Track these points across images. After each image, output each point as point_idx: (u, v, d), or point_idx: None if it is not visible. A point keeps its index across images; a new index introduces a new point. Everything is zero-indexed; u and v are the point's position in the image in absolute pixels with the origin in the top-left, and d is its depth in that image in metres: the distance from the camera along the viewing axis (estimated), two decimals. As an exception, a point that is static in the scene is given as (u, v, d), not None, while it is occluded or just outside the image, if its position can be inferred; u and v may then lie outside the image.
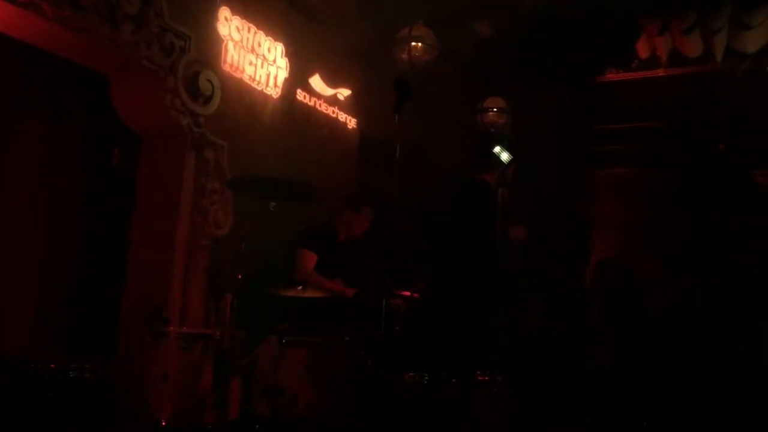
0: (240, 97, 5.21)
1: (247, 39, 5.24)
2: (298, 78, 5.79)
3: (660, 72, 8.38)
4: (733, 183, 7.62)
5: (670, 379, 5.28)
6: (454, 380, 3.17)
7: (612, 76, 8.65)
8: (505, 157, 3.76)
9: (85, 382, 3.30)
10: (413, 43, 6.08)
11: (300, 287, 4.05)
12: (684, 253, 7.16)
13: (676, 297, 5.83)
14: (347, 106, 6.36)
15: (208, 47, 4.92)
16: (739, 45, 7.80)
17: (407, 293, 4.65)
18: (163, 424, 3.63)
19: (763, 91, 7.99)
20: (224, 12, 5.03)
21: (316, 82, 6.02)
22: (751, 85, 7.89)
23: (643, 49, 8.31)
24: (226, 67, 5.06)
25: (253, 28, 5.30)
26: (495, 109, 7.16)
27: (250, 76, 5.27)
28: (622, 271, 5.83)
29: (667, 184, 8.04)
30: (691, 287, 5.84)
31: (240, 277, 3.87)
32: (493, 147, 4.17)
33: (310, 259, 4.68)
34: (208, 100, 4.83)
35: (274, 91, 5.49)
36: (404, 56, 6.09)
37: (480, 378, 3.24)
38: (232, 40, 5.10)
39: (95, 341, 4.56)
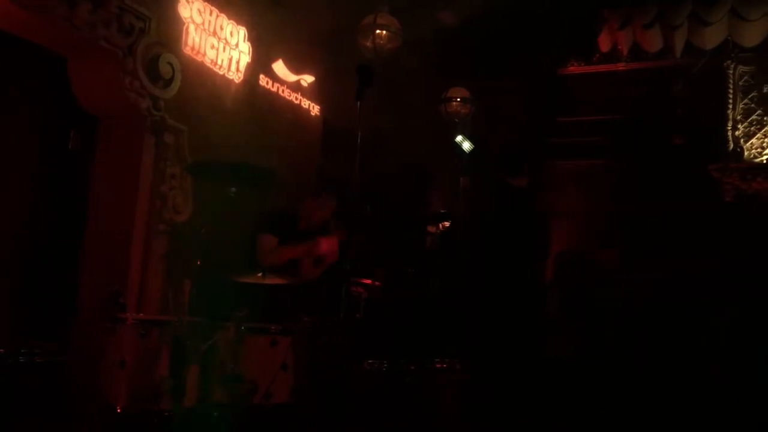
0: (201, 81, 5.14)
1: (209, 22, 5.16)
2: (261, 63, 5.73)
3: (620, 66, 8.52)
4: (688, 176, 7.80)
5: (626, 367, 5.39)
6: (412, 367, 3.19)
7: (573, 68, 8.77)
8: (466, 146, 3.79)
9: (35, 367, 3.24)
10: (378, 31, 6.06)
11: (260, 274, 4.02)
12: (641, 243, 7.31)
13: (633, 286, 5.96)
14: (310, 93, 6.32)
15: (169, 29, 4.84)
16: (698, 41, 7.96)
17: (368, 281, 4.65)
18: (119, 410, 3.59)
19: (719, 87, 8.19)
20: (186, -7, 4.94)
21: (280, 67, 5.96)
22: (707, 81, 8.07)
23: (604, 43, 8.43)
24: (187, 50, 4.98)
25: (215, 11, 5.22)
26: (458, 99, 7.19)
27: (212, 60, 5.20)
28: (581, 262, 5.92)
29: (626, 176, 8.20)
30: (647, 277, 5.97)
31: (199, 263, 3.82)
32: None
33: (271, 242, 4.65)
34: (168, 83, 4.75)
35: (236, 76, 5.43)
36: (368, 44, 6.08)
37: (438, 365, 3.27)
38: (194, 22, 5.02)
39: (50, 327, 4.48)
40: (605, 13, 8.00)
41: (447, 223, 6.64)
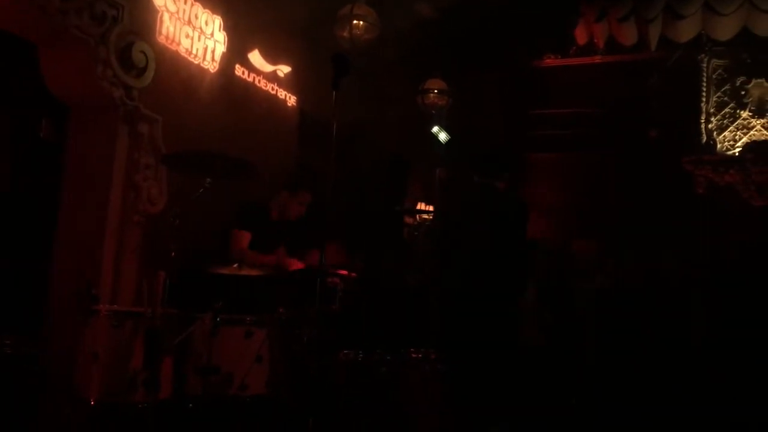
0: (176, 71, 5.08)
1: (184, 11, 5.10)
2: (236, 53, 5.68)
3: (597, 59, 8.59)
4: (662, 168, 7.89)
5: (601, 357, 5.46)
6: (388, 357, 3.20)
7: (550, 61, 8.81)
8: (443, 137, 3.79)
9: (6, 359, 3.19)
10: (355, 22, 6.03)
11: (236, 265, 4.00)
12: (616, 235, 7.38)
13: (609, 277, 6.02)
14: (287, 84, 6.28)
15: (143, 17, 4.77)
16: (672, 35, 8.04)
17: (344, 272, 4.65)
18: (92, 403, 3.56)
19: (693, 81, 8.29)
20: (160, -18, 4.87)
21: (256, 57, 5.91)
22: (681, 75, 8.16)
23: (581, 36, 8.48)
24: (161, 39, 4.92)
25: (191, -1, 5.16)
26: (435, 91, 7.20)
27: (187, 49, 5.14)
28: (557, 253, 5.97)
29: (601, 168, 8.28)
30: (622, 268, 6.04)
31: (173, 254, 3.79)
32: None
33: (244, 237, 4.64)
34: (142, 72, 4.69)
35: (211, 66, 5.37)
36: (345, 34, 6.05)
37: (414, 355, 3.28)
38: (168, 11, 4.95)
39: (22, 319, 4.41)
40: (581, 7, 8.04)
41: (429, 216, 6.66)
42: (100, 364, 3.60)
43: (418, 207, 7.65)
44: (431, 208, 7.20)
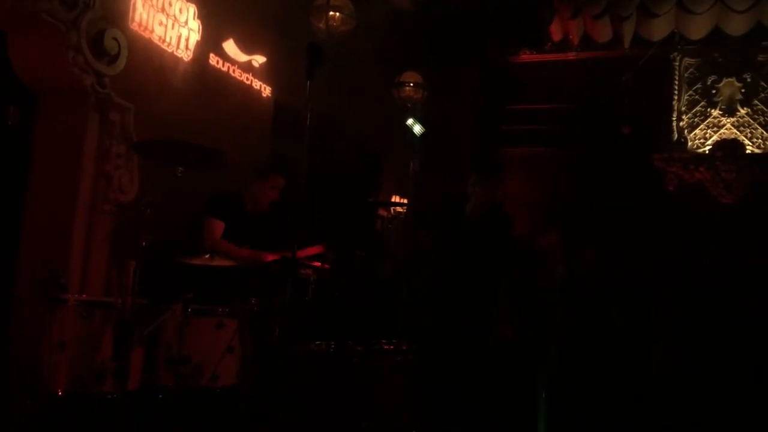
0: (149, 58, 5.02)
1: (158, -2, 5.03)
2: (211, 42, 5.62)
3: (571, 55, 8.65)
4: (634, 164, 7.99)
5: (569, 349, 5.51)
6: (359, 348, 3.20)
7: (526, 57, 8.86)
8: (417, 129, 3.79)
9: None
10: (331, 13, 6.01)
11: (208, 255, 3.97)
12: (586, 229, 7.45)
13: (576, 271, 6.08)
14: (262, 74, 6.23)
15: (115, 4, 4.70)
16: (646, 32, 8.14)
17: (317, 263, 4.64)
18: (60, 393, 3.51)
19: (665, 79, 8.39)
20: (133, -32, 4.80)
21: (230, 47, 5.86)
22: (654, 72, 8.26)
23: (556, 32, 8.54)
24: (134, 26, 4.85)
25: (164, -14, 5.09)
26: (411, 84, 7.20)
27: (160, 37, 5.08)
28: (526, 247, 6.01)
29: (574, 163, 8.35)
30: (590, 262, 6.10)
31: (144, 244, 3.74)
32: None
33: (217, 227, 4.60)
34: (114, 59, 4.62)
35: (185, 54, 5.32)
36: (321, 25, 6.03)
37: (385, 346, 3.29)
38: (141, -2, 4.89)
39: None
40: (556, 3, 8.10)
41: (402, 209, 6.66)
42: (68, 354, 3.55)
43: (392, 199, 7.66)
44: (405, 201, 7.21)
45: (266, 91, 6.29)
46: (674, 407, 5.07)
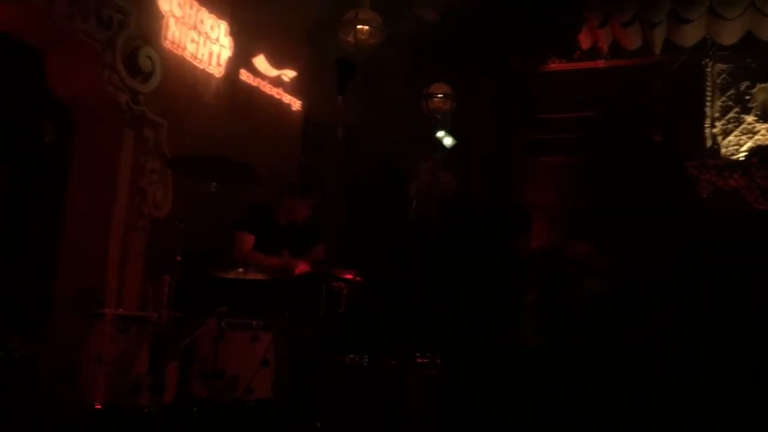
0: (181, 75, 5.10)
1: (190, 15, 5.12)
2: (242, 57, 5.69)
3: (600, 63, 8.58)
4: (666, 172, 7.88)
5: (599, 360, 5.44)
6: (393, 362, 3.20)
7: (554, 65, 8.81)
8: (448, 142, 3.78)
9: (13, 362, 3.21)
10: (359, 26, 6.04)
11: (241, 269, 4.01)
12: (617, 238, 7.36)
13: (607, 280, 6.01)
14: (292, 88, 6.29)
15: (149, 22, 4.79)
16: (677, 38, 8.04)
17: (349, 276, 4.65)
18: (97, 407, 3.57)
19: (698, 85, 8.28)
20: (166, -13, 4.89)
21: (261, 62, 5.93)
22: (686, 79, 8.16)
23: (584, 41, 8.48)
24: (167, 44, 4.94)
25: (196, 4, 5.18)
26: (440, 95, 7.19)
27: (192, 54, 5.16)
28: (558, 256, 5.97)
29: (605, 172, 8.26)
30: (620, 271, 6.02)
31: (179, 258, 3.79)
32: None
33: (246, 239, 4.66)
34: (148, 77, 4.70)
35: (216, 70, 5.39)
36: (350, 39, 6.05)
37: (419, 360, 3.28)
38: (174, 16, 4.97)
39: (27, 322, 4.43)
40: (585, 11, 8.04)
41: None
42: (105, 368, 3.61)
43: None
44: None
45: (296, 104, 6.35)
46: (706, 412, 4.97)
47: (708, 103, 8.26)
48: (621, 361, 5.21)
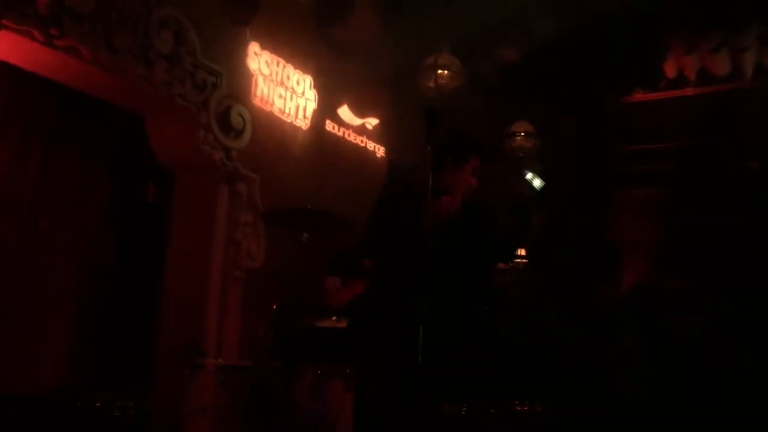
0: (270, 130, 5.30)
1: (276, 72, 5.33)
2: (326, 109, 5.87)
3: (688, 91, 8.33)
4: (764, 201, 7.51)
5: (702, 403, 5.17)
6: (492, 410, 3.15)
7: (639, 96, 8.62)
8: (537, 183, 3.71)
9: (127, 420, 3.35)
10: (439, 71, 6.13)
11: (334, 318, 4.07)
12: (713, 273, 7.05)
13: (707, 319, 5.74)
14: (375, 135, 6.42)
15: (239, 82, 5.02)
16: (768, 62, 7.73)
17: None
18: (202, 457, 3.67)
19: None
20: (254, 47, 5.13)
21: (345, 112, 6.09)
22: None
23: (670, 69, 8.26)
24: (257, 101, 5.15)
25: (282, 61, 5.40)
26: (522, 134, 7.16)
27: (280, 109, 5.36)
28: (660, 293, 5.74)
29: (696, 203, 7.95)
30: (721, 309, 5.73)
31: (275, 308, 3.90)
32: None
33: (333, 282, 4.73)
34: (240, 134, 4.92)
35: (303, 123, 5.57)
36: (431, 84, 6.14)
37: (519, 408, 3.22)
38: (262, 74, 5.20)
39: (129, 374, 4.61)
40: (670, 41, 7.87)
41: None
42: (208, 419, 3.72)
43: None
44: (522, 252, 7.10)
45: (380, 151, 6.46)
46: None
47: (806, 127, 7.87)
48: (728, 407, 4.94)
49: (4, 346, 4.28)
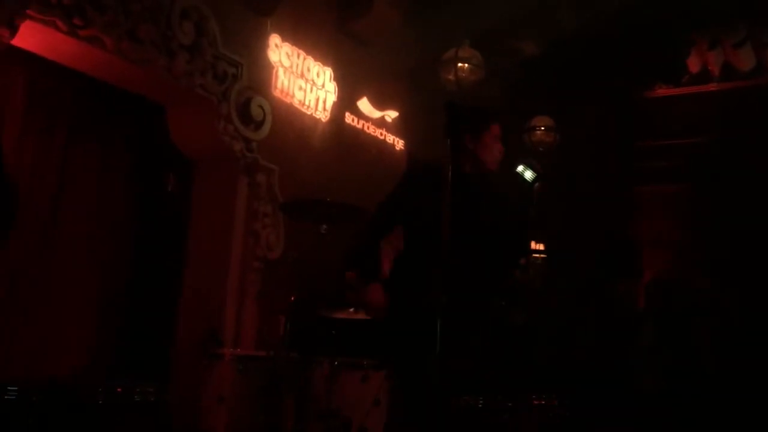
0: (290, 122, 5.31)
1: (297, 65, 5.34)
2: (346, 101, 5.87)
3: (712, 86, 8.22)
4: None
5: (722, 400, 5.12)
6: (509, 404, 3.15)
7: (662, 91, 8.52)
8: (528, 175, 3.61)
9: (148, 406, 3.39)
10: (460, 64, 6.10)
11: (351, 309, 4.08)
12: (734, 270, 6.96)
13: (727, 315, 5.68)
14: (395, 128, 6.41)
15: (259, 74, 5.03)
16: (794, 57, 7.62)
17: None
18: (219, 445, 3.70)
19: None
20: (274, 39, 5.14)
21: (364, 104, 6.09)
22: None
23: (693, 64, 8.17)
24: (277, 93, 5.16)
25: (303, 53, 5.40)
26: (542, 128, 7.12)
27: (300, 101, 5.37)
28: (679, 290, 5.69)
29: (720, 199, 7.86)
30: (740, 305, 5.67)
31: (293, 299, 3.91)
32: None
33: (351, 276, 4.72)
34: (260, 125, 4.94)
35: (323, 115, 5.58)
36: (451, 77, 6.12)
37: (535, 402, 3.21)
38: (282, 66, 5.21)
39: (148, 363, 4.65)
40: (693, 36, 7.78)
41: None
42: (226, 407, 3.74)
43: (530, 246, 7.53)
44: (541, 247, 7.07)
45: (399, 144, 6.45)
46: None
47: (832, 122, 7.75)
48: (746, 406, 4.89)
49: (25, 335, 4.33)
